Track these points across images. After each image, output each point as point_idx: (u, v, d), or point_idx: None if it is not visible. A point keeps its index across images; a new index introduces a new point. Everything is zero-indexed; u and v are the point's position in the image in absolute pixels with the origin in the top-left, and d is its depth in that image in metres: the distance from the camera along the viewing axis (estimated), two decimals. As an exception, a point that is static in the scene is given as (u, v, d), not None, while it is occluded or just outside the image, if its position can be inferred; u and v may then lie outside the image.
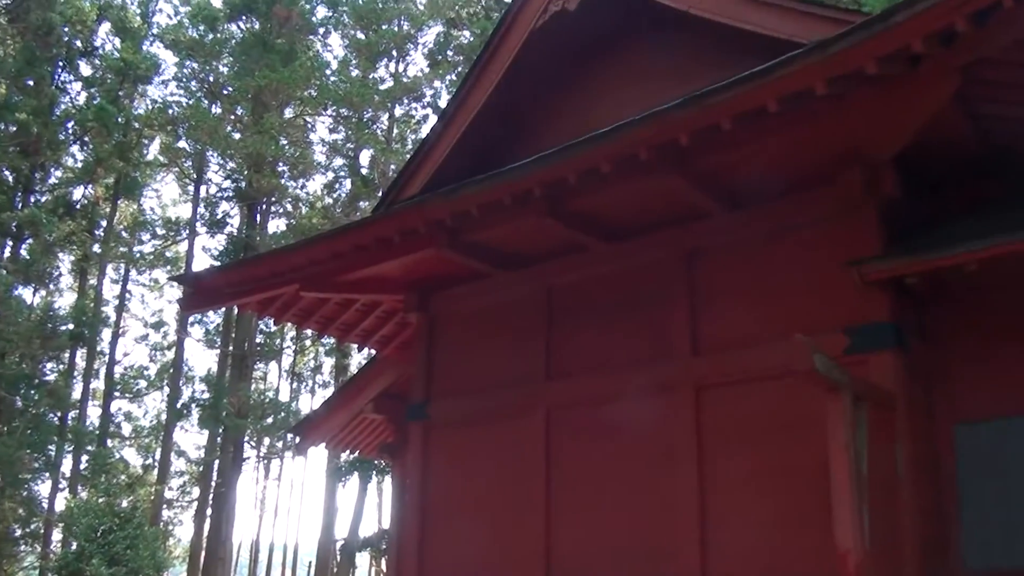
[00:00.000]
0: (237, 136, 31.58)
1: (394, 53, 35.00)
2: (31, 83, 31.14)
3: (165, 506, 35.41)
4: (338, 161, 34.46)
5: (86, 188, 34.45)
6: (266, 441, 38.46)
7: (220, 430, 30.76)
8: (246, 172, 31.65)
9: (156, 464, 35.38)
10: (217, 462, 31.90)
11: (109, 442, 33.49)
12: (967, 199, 7.07)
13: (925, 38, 5.21)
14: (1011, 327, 6.85)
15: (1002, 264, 6.22)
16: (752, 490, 6.89)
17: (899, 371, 6.45)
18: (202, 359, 53.86)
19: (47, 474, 30.38)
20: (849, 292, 6.57)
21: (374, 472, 29.10)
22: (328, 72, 33.11)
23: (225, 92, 32.97)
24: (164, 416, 34.27)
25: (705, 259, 7.63)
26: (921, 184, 7.02)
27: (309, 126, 34.84)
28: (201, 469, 34.30)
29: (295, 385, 44.39)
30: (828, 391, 5.47)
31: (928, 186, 7.09)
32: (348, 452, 13.91)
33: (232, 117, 33.02)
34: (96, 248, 34.26)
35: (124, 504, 23.59)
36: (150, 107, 34.10)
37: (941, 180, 7.10)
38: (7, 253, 31.45)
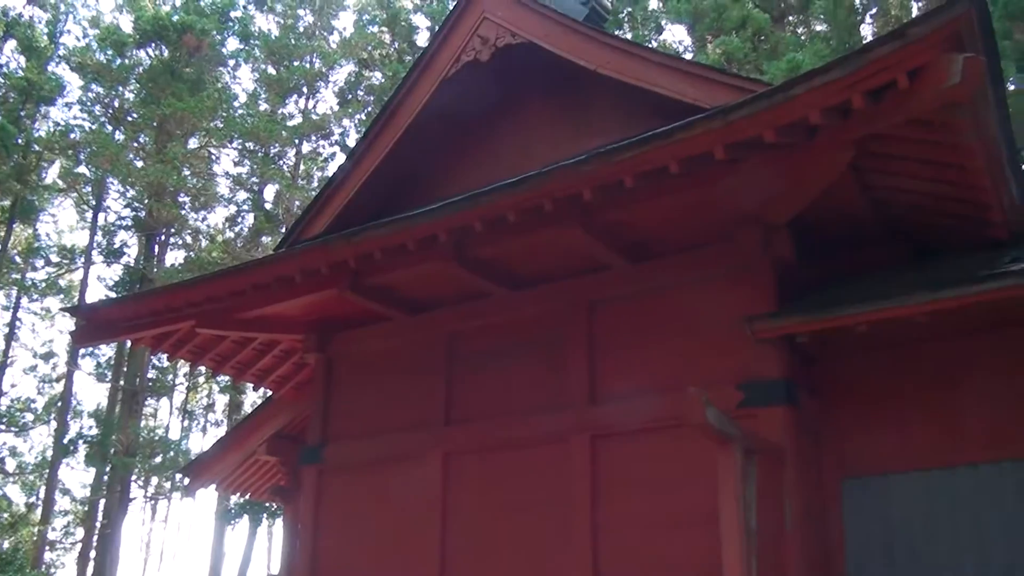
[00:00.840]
0: (139, 164, 30.89)
1: (304, 90, 34.80)
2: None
3: (48, 547, 33.92)
4: (242, 195, 33.92)
5: (-20, 209, 33.24)
6: (154, 481, 37.21)
7: (107, 468, 29.69)
8: (146, 201, 30.92)
9: (40, 502, 33.92)
10: (103, 502, 30.76)
11: (-9, 478, 32.09)
12: (860, 263, 7.36)
13: (822, 111, 5.44)
14: (896, 387, 7.15)
15: (887, 326, 6.51)
16: (645, 539, 6.97)
17: (789, 426, 6.64)
18: (91, 393, 51.93)
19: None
20: (743, 348, 6.77)
21: (265, 516, 28.43)
22: (236, 105, 32.74)
23: (129, 119, 32.23)
24: (50, 452, 32.94)
25: (605, 310, 7.76)
26: (816, 247, 7.29)
27: (213, 158, 34.28)
28: (86, 509, 33.00)
29: (186, 423, 43.05)
30: (720, 444, 5.61)
31: (823, 249, 7.35)
32: (239, 494, 13.56)
33: (135, 145, 32.30)
34: (-13, 273, 33.01)
35: (6, 545, 22.51)
36: (52, 129, 33.13)
37: (836, 244, 7.37)
38: None
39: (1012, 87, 24.13)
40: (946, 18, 5.00)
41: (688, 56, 28.06)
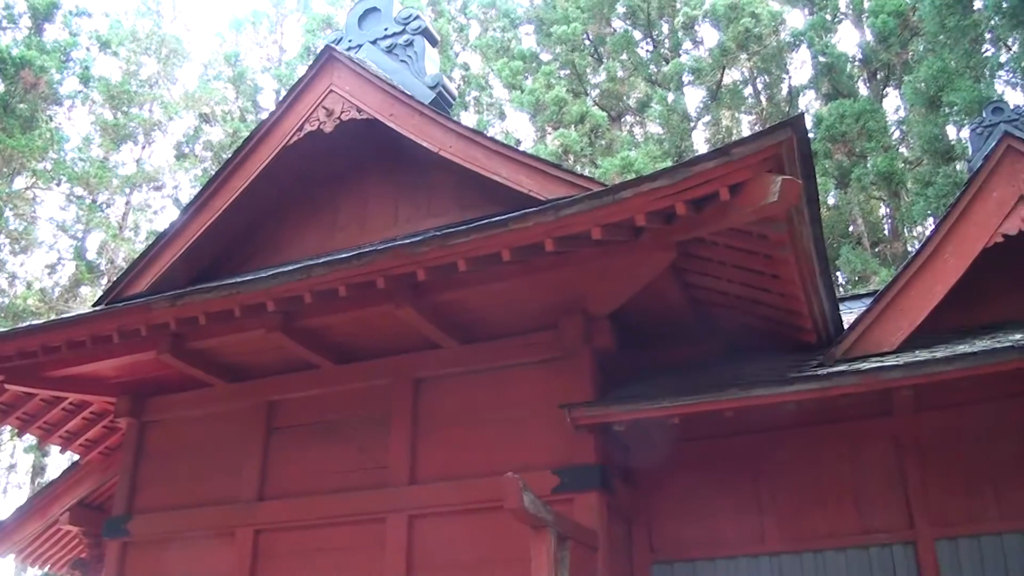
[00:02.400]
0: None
1: (140, 138, 33.84)
2: None
3: None
4: (64, 241, 32.43)
5: None
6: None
7: None
8: (-40, 240, 29.17)
9: None
10: None
11: None
12: (679, 357, 7.72)
13: (648, 214, 5.74)
14: (705, 477, 7.49)
15: (700, 419, 6.81)
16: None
17: (603, 511, 6.76)
18: None
19: None
20: (562, 433, 6.90)
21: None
22: (67, 147, 31.45)
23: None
24: None
25: (431, 388, 7.77)
26: (638, 339, 7.57)
27: (38, 200, 32.72)
28: None
29: (-14, 484, 40.17)
30: (534, 529, 5.67)
31: (645, 341, 7.65)
32: (37, 566, 12.66)
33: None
34: None
35: None
36: None
37: (657, 337, 7.67)
38: None
39: (832, 201, 25.90)
40: (768, 141, 5.39)
41: (528, 145, 28.90)
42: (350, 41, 9.62)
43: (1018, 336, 6.43)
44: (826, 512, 7.17)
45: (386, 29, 9.59)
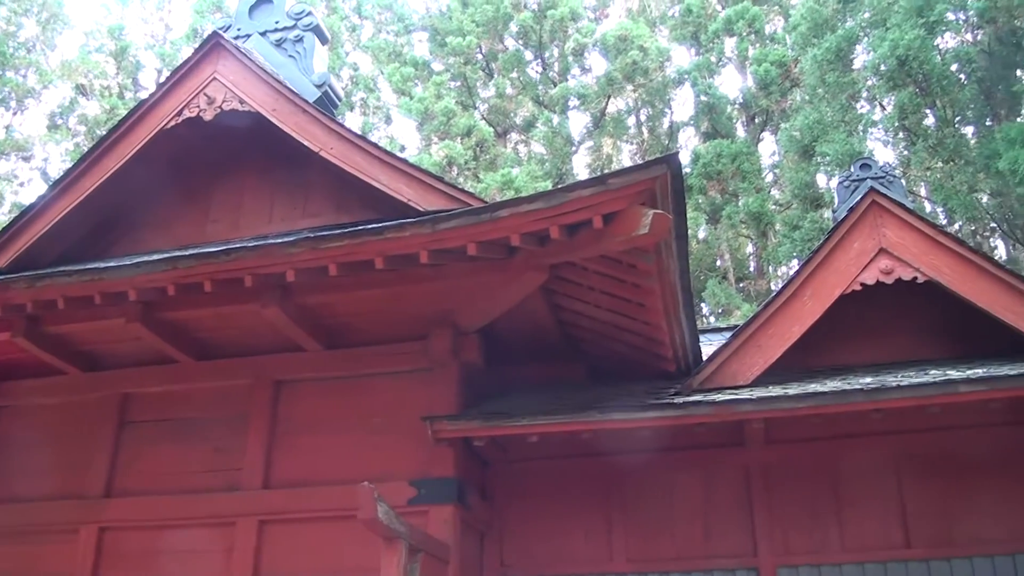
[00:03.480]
0: None
1: (12, 104, 32.26)
2: None
3: None
4: (-83, 210, 30.68)
5: None
6: None
7: None
8: None
9: None
10: None
11: None
12: (545, 376, 7.84)
13: (523, 235, 5.84)
14: (560, 495, 7.59)
15: (558, 439, 6.93)
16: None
17: (457, 525, 6.78)
18: None
19: None
20: (422, 445, 6.88)
21: None
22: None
23: None
24: None
25: (292, 392, 7.65)
26: (506, 355, 7.63)
27: None
28: None
29: None
30: (386, 540, 5.65)
31: (512, 358, 7.71)
32: None
33: None
34: None
35: None
36: None
37: (524, 355, 7.75)
38: None
39: (702, 235, 26.68)
40: (644, 175, 5.55)
41: (412, 153, 28.81)
42: (239, 30, 9.40)
43: (867, 380, 6.75)
44: (675, 535, 7.36)
45: (277, 22, 9.42)
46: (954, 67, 23.36)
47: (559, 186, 5.77)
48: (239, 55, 8.62)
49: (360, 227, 6.19)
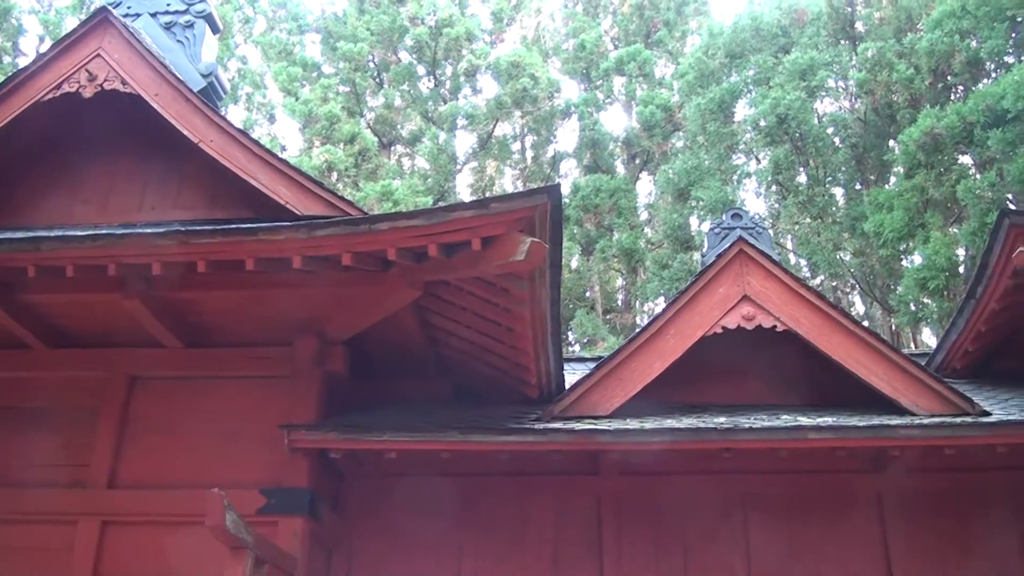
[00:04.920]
0: None
1: None
2: None
3: None
4: None
5: None
6: None
7: None
8: None
9: None
10: None
11: None
12: (411, 392, 7.80)
13: (399, 250, 5.83)
14: (413, 513, 7.49)
15: (417, 457, 6.90)
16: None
17: (306, 538, 6.66)
18: None
19: None
20: (277, 454, 6.74)
21: None
22: None
23: None
24: None
25: (148, 389, 7.41)
26: (371, 368, 7.58)
27: None
28: None
29: None
30: (233, 550, 5.52)
31: (379, 372, 7.67)
32: None
33: None
34: None
35: None
36: None
37: (391, 370, 7.71)
38: None
39: (574, 265, 27.08)
40: (525, 203, 5.64)
41: (292, 153, 28.35)
42: (129, 8, 9.09)
43: (721, 419, 6.97)
44: (524, 561, 7.37)
45: (169, 4, 9.16)
46: (830, 130, 24.51)
47: (440, 205, 5.80)
48: (126, 34, 8.33)
49: (234, 226, 6.08)
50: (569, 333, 25.23)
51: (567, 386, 7.68)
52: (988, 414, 7.03)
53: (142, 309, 6.70)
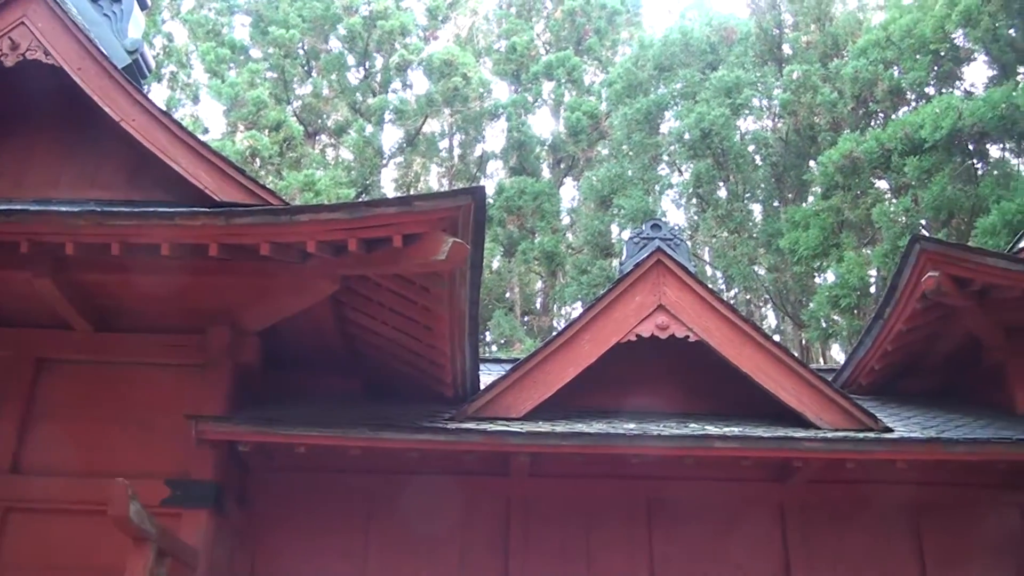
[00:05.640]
0: None
1: None
2: None
3: None
4: None
5: None
6: None
7: None
8: None
9: None
10: None
11: None
12: (325, 386, 7.74)
13: (319, 243, 5.78)
14: (321, 509, 7.44)
15: (325, 452, 6.83)
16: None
17: (210, 531, 6.56)
18: None
19: None
20: (184, 444, 6.59)
21: None
22: None
23: None
24: None
25: (55, 372, 7.19)
26: (284, 361, 7.49)
27: None
28: None
29: None
30: (135, 541, 5.42)
31: (293, 365, 7.58)
32: None
33: None
34: None
35: None
36: None
37: (306, 363, 7.63)
38: None
39: (495, 266, 27.16)
40: (448, 203, 5.66)
41: (215, 136, 27.85)
42: (56, -23, 8.83)
43: (631, 425, 7.08)
44: (431, 560, 7.38)
45: (97, -24, 8.93)
46: (752, 148, 25.04)
47: (363, 200, 5.77)
48: (52, 3, 8.07)
49: (151, 209, 5.98)
50: (487, 333, 25.29)
51: (482, 387, 7.70)
52: (890, 431, 7.29)
53: (52, 289, 6.51)
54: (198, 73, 31.32)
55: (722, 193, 24.90)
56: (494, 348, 24.66)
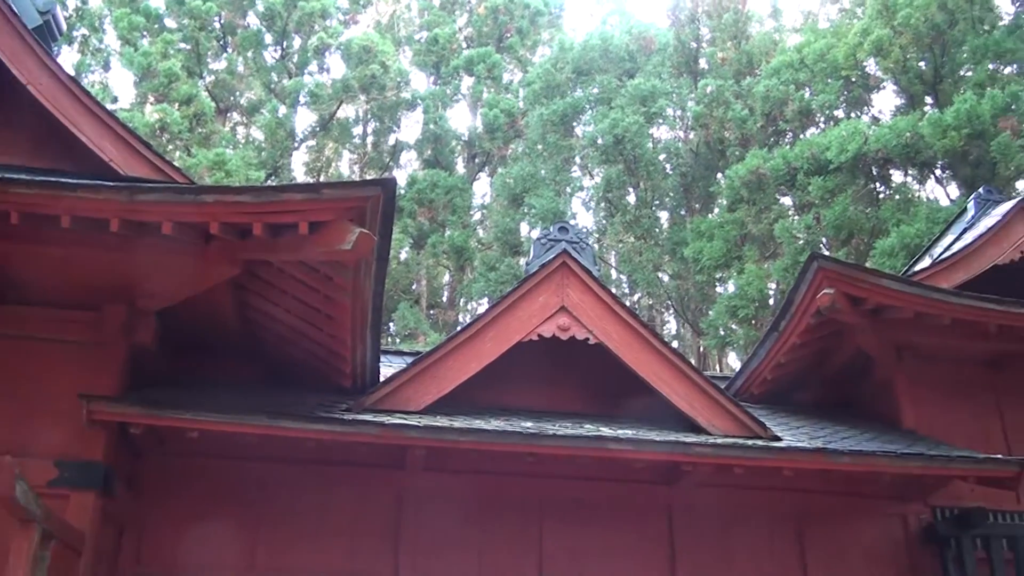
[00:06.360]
0: None
1: None
2: None
3: None
4: None
5: None
6: None
7: None
8: None
9: None
10: None
11: None
12: (225, 371, 7.67)
13: (224, 224, 5.69)
14: (212, 495, 7.31)
15: (219, 437, 6.72)
16: None
17: (97, 514, 6.40)
18: None
19: None
20: (74, 424, 6.41)
21: None
22: None
23: None
24: None
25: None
26: (183, 344, 7.34)
27: None
28: None
29: None
30: (21, 522, 5.25)
31: (190, 348, 7.44)
32: None
33: None
34: None
35: None
36: None
37: (206, 347, 7.51)
38: None
39: (403, 257, 27.05)
40: (358, 193, 5.63)
41: (123, 106, 27.04)
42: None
43: (528, 424, 7.16)
44: (322, 550, 7.34)
45: (10, -68, 8.62)
46: (663, 156, 25.48)
47: (271, 184, 5.71)
48: (-40, -41, 7.80)
49: (53, 179, 5.79)
50: (391, 325, 25.18)
51: (382, 378, 7.69)
52: (779, 439, 7.54)
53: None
54: (111, 39, 30.37)
55: (631, 199, 25.28)
56: (398, 340, 24.57)
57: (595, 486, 7.72)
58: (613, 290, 8.27)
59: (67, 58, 28.53)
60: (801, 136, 23.10)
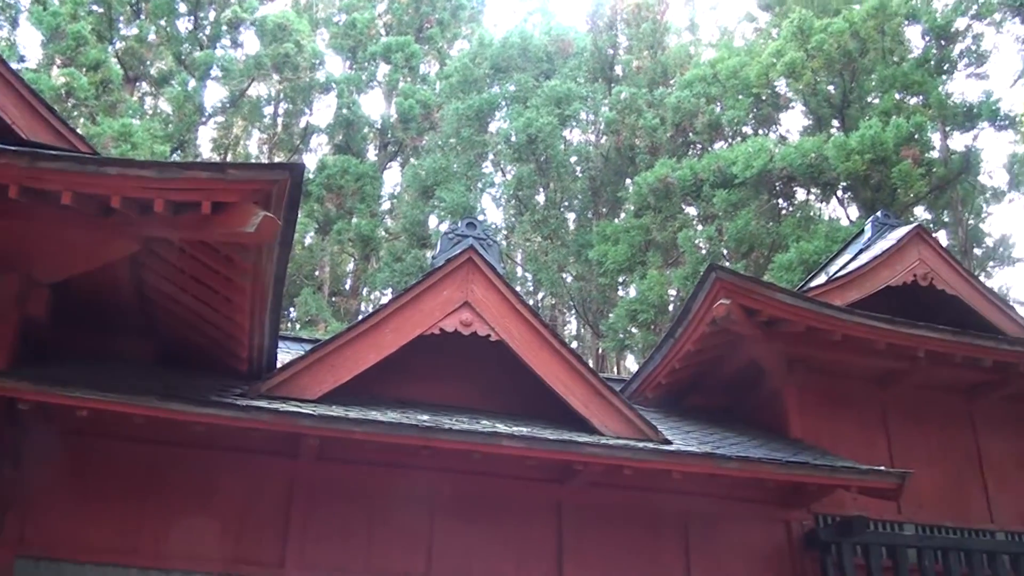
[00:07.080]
0: None
1: None
2: None
3: None
4: None
5: None
6: None
7: None
8: None
9: None
10: None
11: None
12: (118, 349, 7.47)
13: (125, 198, 5.56)
14: (99, 476, 7.10)
15: (108, 417, 6.55)
16: None
17: (-24, 492, 6.16)
18: None
19: None
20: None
21: None
22: None
23: None
24: None
25: None
26: (78, 319, 7.15)
27: None
28: None
29: None
30: None
31: (84, 323, 7.23)
32: None
33: None
34: None
35: None
36: None
37: (99, 324, 7.31)
38: None
39: (308, 242, 26.75)
40: (264, 175, 5.57)
41: (29, 67, 26.00)
42: None
43: (424, 417, 7.16)
44: (209, 535, 7.20)
45: None
46: (574, 159, 25.74)
47: (176, 160, 5.60)
48: None
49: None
50: (291, 310, 24.87)
51: (280, 364, 7.61)
52: (669, 443, 7.73)
53: None
54: (21, -6, 29.16)
55: (541, 199, 25.48)
56: (298, 326, 24.28)
57: (488, 482, 7.79)
58: (518, 288, 8.32)
59: (-31, 13, 27.34)
60: (709, 149, 23.61)
